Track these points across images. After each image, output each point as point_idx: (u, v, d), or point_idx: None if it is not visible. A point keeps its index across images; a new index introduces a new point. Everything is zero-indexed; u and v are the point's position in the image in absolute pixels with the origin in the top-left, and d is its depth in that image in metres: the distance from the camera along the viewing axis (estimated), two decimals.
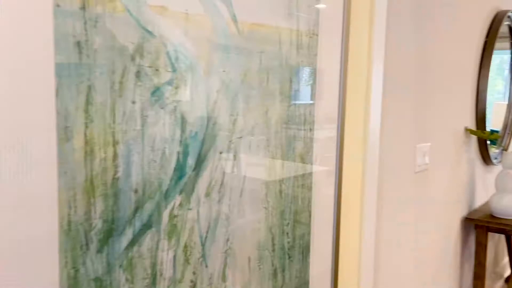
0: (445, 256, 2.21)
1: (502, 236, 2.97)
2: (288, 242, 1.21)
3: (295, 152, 1.20)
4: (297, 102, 1.19)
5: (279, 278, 1.19)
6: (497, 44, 2.66)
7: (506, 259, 3.14)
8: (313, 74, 1.25)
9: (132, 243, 0.84)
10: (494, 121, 2.91)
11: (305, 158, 1.24)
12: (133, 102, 0.82)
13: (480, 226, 2.32)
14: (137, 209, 0.84)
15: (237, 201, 1.04)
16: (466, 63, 2.24)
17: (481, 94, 2.38)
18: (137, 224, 0.84)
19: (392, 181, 1.64)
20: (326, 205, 1.36)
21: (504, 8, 2.57)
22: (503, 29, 2.58)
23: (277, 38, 1.10)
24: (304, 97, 1.23)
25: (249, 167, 1.06)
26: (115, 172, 0.80)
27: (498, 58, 2.79)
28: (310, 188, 1.27)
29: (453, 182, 2.23)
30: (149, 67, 0.83)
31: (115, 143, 0.79)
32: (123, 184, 0.81)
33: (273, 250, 1.16)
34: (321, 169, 1.32)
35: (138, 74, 0.82)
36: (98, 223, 0.78)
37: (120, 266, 0.82)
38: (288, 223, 1.20)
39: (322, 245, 1.35)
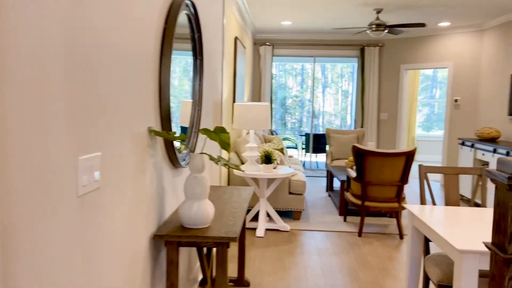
0: (132, 285, 1.78)
1: None
2: None
3: None
4: None
5: None
6: (181, 45, 2.43)
7: (198, 263, 3.04)
8: None
9: None
10: (184, 120, 2.72)
11: None
12: None
13: (170, 242, 2.00)
14: None
15: None
16: (144, 54, 1.85)
17: (164, 88, 2.06)
18: None
19: (32, 220, 1.04)
20: None
21: None
22: (184, 28, 2.36)
23: None
24: None
25: None
26: None
27: (183, 60, 2.59)
28: None
29: (138, 196, 1.81)
30: None
31: None
32: None
33: None
34: None
35: None
36: None
37: None
38: None
39: None
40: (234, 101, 5.37)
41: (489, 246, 1.06)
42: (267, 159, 4.42)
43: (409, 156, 4.29)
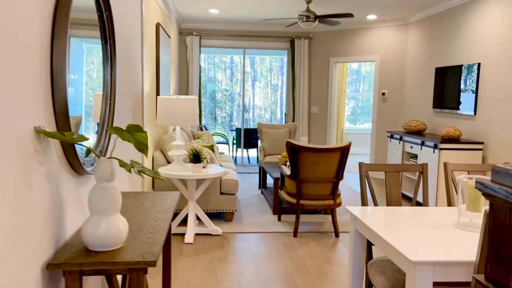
0: None
1: None
2: None
3: None
4: None
5: None
6: (92, 32, 1.99)
7: None
8: None
9: None
10: (97, 116, 2.27)
11: None
12: None
13: (70, 271, 1.58)
14: None
15: None
16: (26, 36, 1.40)
17: (57, 77, 1.62)
18: None
19: None
20: None
21: None
22: (91, 13, 1.92)
23: None
24: None
25: None
26: None
27: (94, 49, 2.15)
28: None
29: (21, 217, 1.38)
30: None
31: None
32: None
33: None
34: None
35: None
36: None
37: None
38: None
39: None
40: (158, 95, 4.91)
41: (483, 283, 0.80)
42: (196, 158, 4.04)
43: (344, 152, 4.13)
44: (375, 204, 2.62)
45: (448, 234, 2.01)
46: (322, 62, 8.15)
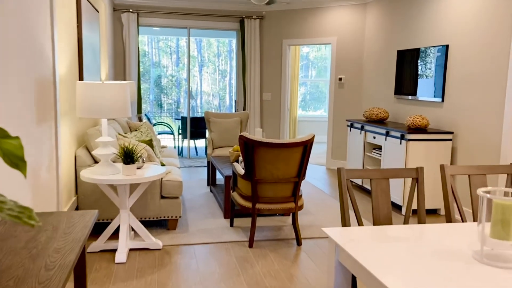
0: None
1: None
2: None
3: None
4: None
5: None
6: None
7: None
8: None
9: None
10: None
11: None
12: None
13: None
14: None
15: None
16: None
17: None
18: None
19: None
20: None
21: None
22: None
23: None
24: None
25: None
26: None
27: None
28: None
29: None
30: None
31: None
32: None
33: None
34: None
35: None
36: None
37: None
38: None
39: None
40: (81, 80, 4.05)
41: None
42: (128, 157, 3.27)
43: (307, 146, 3.52)
44: (359, 222, 2.01)
45: (467, 271, 1.43)
46: (275, 44, 7.51)
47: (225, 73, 12.27)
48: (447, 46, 4.65)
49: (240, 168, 3.80)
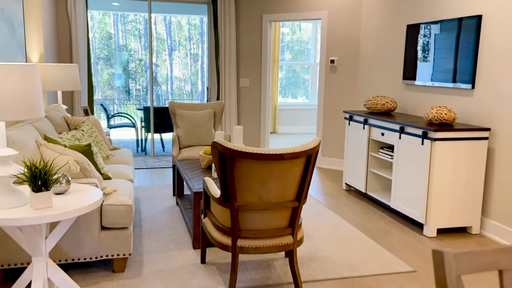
0: None
1: None
2: None
3: None
4: None
5: None
6: None
7: None
8: None
9: None
10: None
11: None
12: None
13: None
14: None
15: None
16: None
17: None
18: None
19: None
20: None
21: None
22: None
23: None
24: None
25: None
26: None
27: None
28: None
29: None
30: None
31: None
32: None
33: None
34: None
35: None
36: None
37: None
38: None
39: None
40: None
41: None
42: (37, 181, 2.09)
43: (311, 157, 2.42)
44: None
45: None
46: (254, 20, 6.33)
47: (197, 57, 11.13)
48: (479, 16, 3.60)
49: (214, 188, 2.67)
